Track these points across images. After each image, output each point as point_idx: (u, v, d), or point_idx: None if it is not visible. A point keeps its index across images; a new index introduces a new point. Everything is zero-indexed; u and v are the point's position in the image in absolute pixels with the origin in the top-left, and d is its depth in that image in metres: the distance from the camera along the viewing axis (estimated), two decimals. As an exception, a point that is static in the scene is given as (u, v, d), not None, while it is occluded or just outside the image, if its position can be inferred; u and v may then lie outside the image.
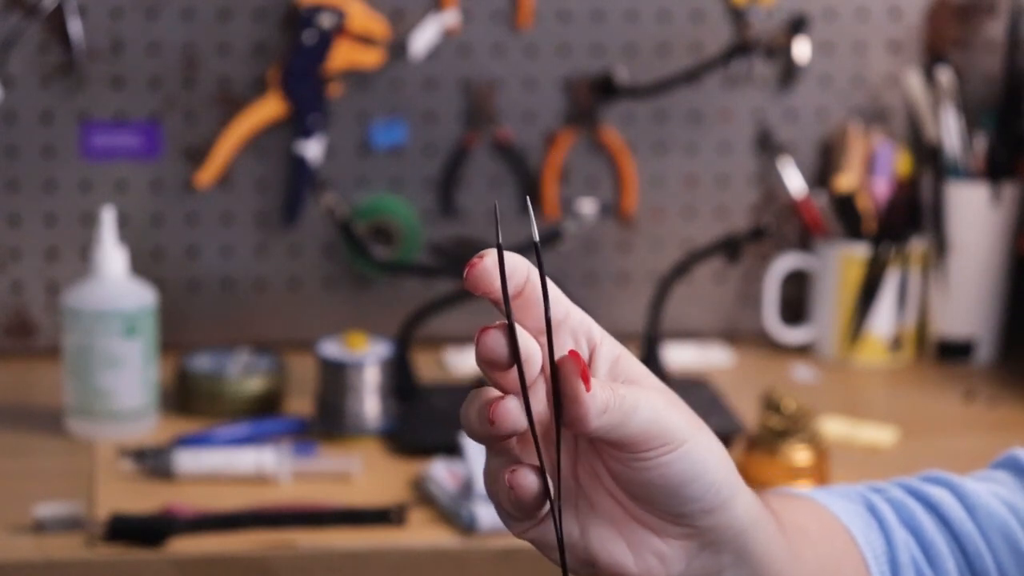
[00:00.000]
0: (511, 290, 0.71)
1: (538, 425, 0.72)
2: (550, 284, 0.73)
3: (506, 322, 0.71)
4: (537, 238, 0.72)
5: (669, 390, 0.76)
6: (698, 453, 0.74)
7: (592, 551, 0.76)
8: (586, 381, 0.71)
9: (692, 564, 0.76)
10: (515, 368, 0.71)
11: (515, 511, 0.73)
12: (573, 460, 0.76)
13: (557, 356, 0.73)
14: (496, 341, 0.70)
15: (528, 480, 0.72)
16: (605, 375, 0.75)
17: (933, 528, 0.89)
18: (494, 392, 0.72)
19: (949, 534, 0.90)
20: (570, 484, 0.76)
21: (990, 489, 0.92)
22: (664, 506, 0.75)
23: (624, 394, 0.72)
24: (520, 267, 0.72)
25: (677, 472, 0.73)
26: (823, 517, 0.87)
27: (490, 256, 0.70)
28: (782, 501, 0.86)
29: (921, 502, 0.91)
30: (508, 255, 0.71)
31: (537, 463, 0.72)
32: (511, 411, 0.70)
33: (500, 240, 0.71)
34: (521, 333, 0.70)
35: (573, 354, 0.71)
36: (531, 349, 0.71)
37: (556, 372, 0.72)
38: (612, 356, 0.75)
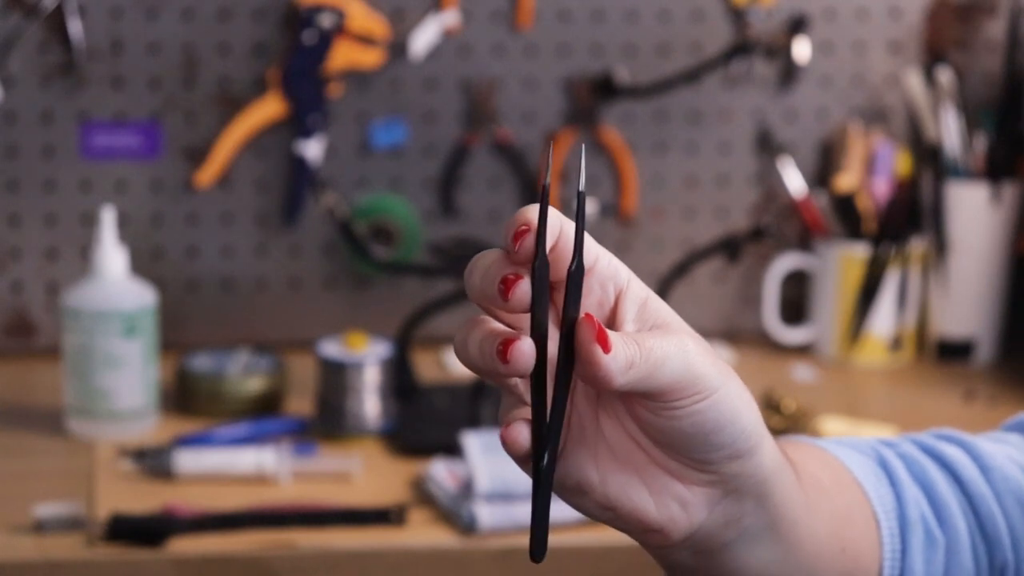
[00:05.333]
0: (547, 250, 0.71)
1: (553, 367, 0.71)
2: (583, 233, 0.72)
3: (529, 271, 0.70)
4: (583, 186, 0.71)
5: (697, 334, 0.74)
6: (730, 400, 0.73)
7: (612, 497, 0.74)
8: (603, 343, 0.70)
9: (714, 511, 0.76)
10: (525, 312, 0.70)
11: (514, 461, 0.72)
12: (594, 404, 0.75)
13: (586, 303, 0.72)
14: (523, 290, 0.70)
15: (521, 436, 0.71)
16: (632, 319, 0.73)
17: (945, 486, 0.88)
18: (501, 327, 0.71)
19: (962, 494, 0.88)
20: (591, 429, 0.75)
21: (1005, 452, 0.91)
22: (693, 453, 0.74)
23: (652, 346, 0.71)
24: (555, 222, 0.71)
25: (709, 420, 0.72)
26: (836, 468, 0.86)
27: (531, 223, 0.70)
28: (798, 450, 0.85)
29: (934, 459, 0.90)
30: (549, 212, 0.71)
31: (543, 406, 0.71)
32: (526, 353, 0.69)
33: (547, 181, 0.71)
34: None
35: (588, 317, 0.70)
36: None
37: (571, 328, 0.71)
38: (639, 299, 0.74)
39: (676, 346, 0.72)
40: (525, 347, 0.69)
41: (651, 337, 0.72)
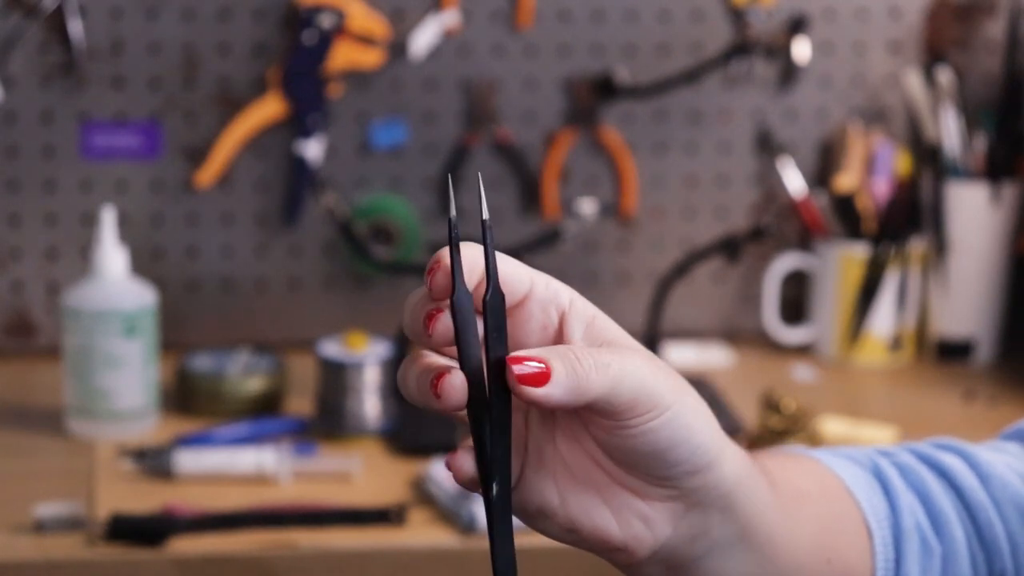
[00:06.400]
0: (472, 283, 0.70)
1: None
2: (513, 261, 0.72)
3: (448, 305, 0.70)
4: (486, 215, 0.70)
5: (648, 351, 0.74)
6: (684, 417, 0.73)
7: (574, 518, 0.74)
8: (535, 382, 0.69)
9: (679, 526, 0.75)
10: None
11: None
12: (551, 427, 0.75)
13: (528, 328, 0.72)
14: (444, 324, 0.70)
15: (465, 465, 0.71)
16: (580, 339, 0.73)
17: (943, 495, 0.88)
18: (437, 360, 0.71)
19: (960, 502, 0.88)
20: (549, 452, 0.75)
21: (1004, 460, 0.90)
22: (650, 470, 0.73)
23: (609, 361, 0.71)
24: (474, 255, 0.70)
25: (663, 438, 0.72)
26: (825, 478, 0.85)
27: (444, 260, 0.70)
28: (784, 460, 0.85)
29: (932, 468, 0.89)
30: (465, 245, 0.70)
31: (483, 437, 0.71)
32: (456, 387, 0.69)
33: (454, 212, 0.71)
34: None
35: (512, 361, 0.69)
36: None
37: (498, 362, 0.70)
38: (585, 318, 0.74)
39: (630, 364, 0.72)
40: (456, 381, 0.69)
41: (607, 353, 0.71)
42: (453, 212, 0.71)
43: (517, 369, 0.69)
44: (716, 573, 0.77)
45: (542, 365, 0.69)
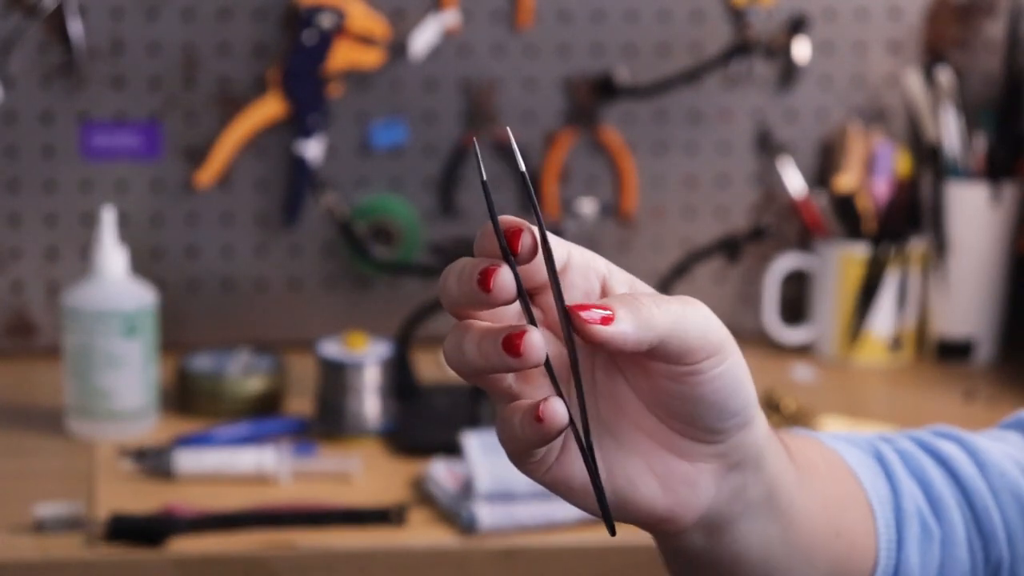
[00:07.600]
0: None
1: (555, 361, 0.71)
2: (548, 233, 0.71)
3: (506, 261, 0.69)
4: (523, 167, 0.70)
5: None
6: (743, 365, 0.74)
7: (619, 490, 0.74)
8: (603, 321, 0.69)
9: (721, 487, 0.76)
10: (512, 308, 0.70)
11: (542, 441, 0.70)
12: (594, 397, 0.75)
13: (572, 296, 0.72)
14: (505, 277, 0.69)
15: (562, 410, 0.69)
16: None
17: (942, 481, 0.89)
18: (495, 324, 0.70)
19: (958, 489, 0.89)
20: (595, 424, 0.74)
21: (1002, 449, 0.91)
22: (710, 421, 0.74)
23: (670, 302, 0.71)
24: (523, 229, 0.70)
25: (727, 385, 0.73)
26: (831, 458, 0.86)
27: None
28: (794, 438, 0.86)
29: (931, 455, 0.90)
30: (503, 219, 0.70)
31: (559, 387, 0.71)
32: (537, 344, 0.68)
33: (485, 177, 0.70)
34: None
35: (578, 308, 0.70)
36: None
37: (566, 314, 0.70)
38: (627, 282, 0.74)
39: (692, 305, 0.72)
40: (536, 337, 0.68)
41: (665, 298, 0.72)
42: (484, 176, 0.70)
43: (585, 315, 0.69)
44: (747, 538, 0.78)
45: (607, 311, 0.69)
